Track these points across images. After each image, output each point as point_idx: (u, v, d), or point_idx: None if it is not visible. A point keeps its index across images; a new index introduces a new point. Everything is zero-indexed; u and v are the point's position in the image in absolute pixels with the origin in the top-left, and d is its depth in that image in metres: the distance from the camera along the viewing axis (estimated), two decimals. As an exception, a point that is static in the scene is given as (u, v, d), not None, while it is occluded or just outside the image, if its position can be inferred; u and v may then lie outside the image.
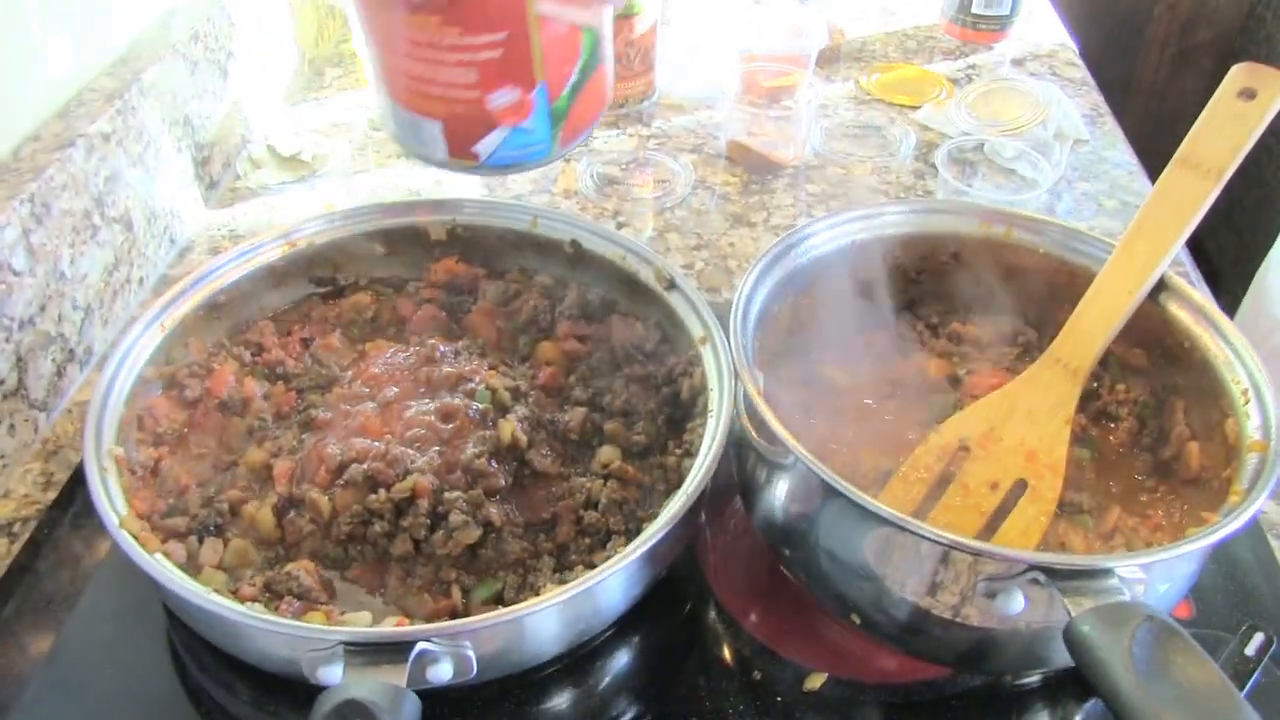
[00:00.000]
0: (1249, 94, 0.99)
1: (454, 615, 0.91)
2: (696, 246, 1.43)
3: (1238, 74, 1.00)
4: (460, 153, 0.93)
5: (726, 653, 0.97)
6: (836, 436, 1.03)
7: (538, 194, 1.52)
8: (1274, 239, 1.84)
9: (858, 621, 0.89)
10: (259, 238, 1.14)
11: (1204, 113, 1.01)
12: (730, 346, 0.94)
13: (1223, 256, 2.87)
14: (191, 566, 0.93)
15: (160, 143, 1.32)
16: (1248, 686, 0.88)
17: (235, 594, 0.90)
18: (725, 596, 1.01)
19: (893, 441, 1.03)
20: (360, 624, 0.87)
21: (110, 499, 0.90)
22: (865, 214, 1.08)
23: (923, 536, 0.78)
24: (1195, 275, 1.43)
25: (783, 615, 0.99)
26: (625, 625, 0.96)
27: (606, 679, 0.95)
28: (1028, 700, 0.96)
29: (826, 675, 0.94)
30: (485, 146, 0.92)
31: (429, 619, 0.91)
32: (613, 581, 0.86)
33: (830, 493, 0.82)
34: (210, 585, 0.89)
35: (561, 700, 0.94)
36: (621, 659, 0.97)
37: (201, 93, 1.42)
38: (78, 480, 1.07)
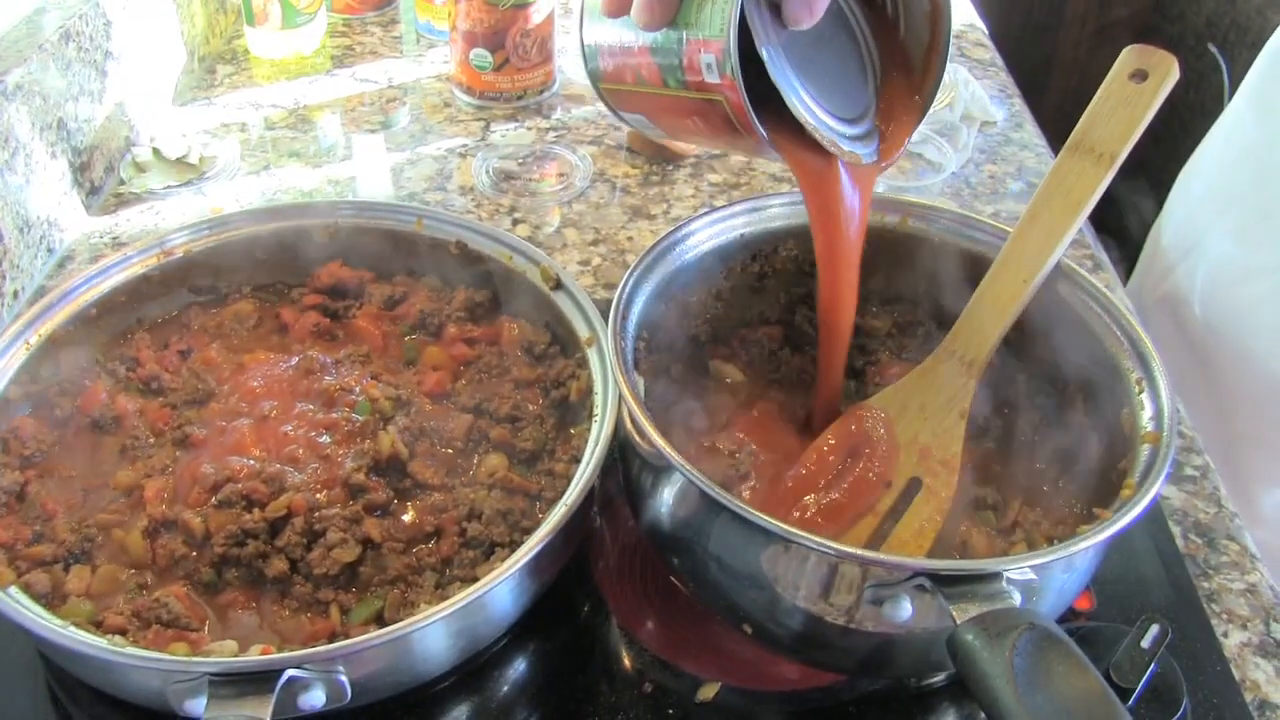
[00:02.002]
0: (1140, 76, 0.97)
1: (333, 637, 0.87)
2: (594, 241, 1.40)
3: (1129, 56, 0.98)
4: None
5: (619, 664, 0.95)
6: (730, 436, 1.00)
7: (432, 191, 1.48)
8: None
9: (750, 631, 0.87)
10: (131, 248, 1.10)
11: (1096, 96, 0.99)
12: (609, 350, 0.91)
13: (1144, 231, 2.88)
14: (56, 596, 0.89)
15: (31, 148, 1.26)
16: (1144, 680, 0.86)
17: (101, 624, 0.86)
18: (619, 605, 0.98)
19: (789, 440, 1.01)
20: (226, 653, 0.83)
21: (-39, 532, 0.85)
22: (749, 207, 1.05)
23: (807, 546, 0.76)
24: (1102, 257, 1.42)
25: (677, 623, 0.96)
26: (517, 637, 0.94)
27: (497, 694, 0.92)
28: (930, 701, 0.94)
29: (720, 685, 0.91)
30: None
31: (306, 642, 0.87)
32: (494, 596, 0.83)
33: (712, 504, 0.79)
34: (75, 616, 0.85)
35: (450, 717, 0.91)
36: (513, 673, 0.94)
37: (77, 94, 1.37)
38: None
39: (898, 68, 0.92)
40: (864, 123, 0.90)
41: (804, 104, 0.82)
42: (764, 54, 0.78)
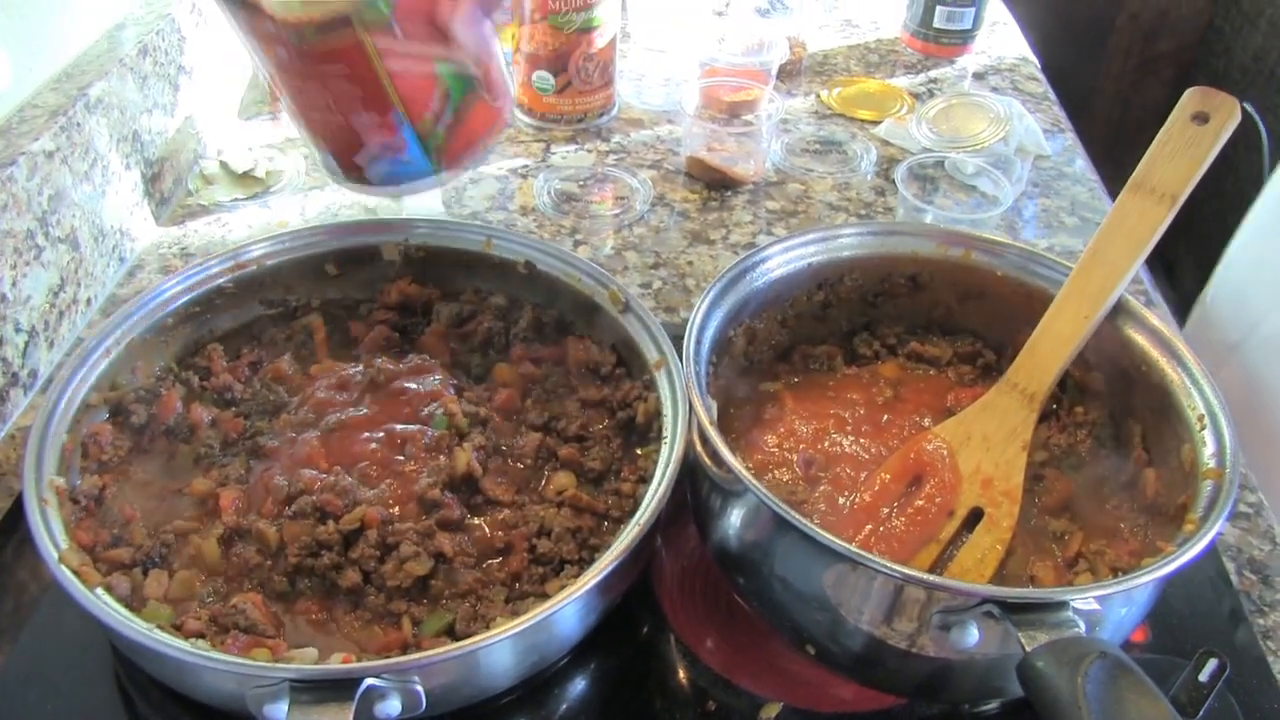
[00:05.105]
0: (1202, 118, 0.99)
1: (404, 648, 0.89)
2: (655, 265, 1.42)
3: (1191, 98, 1.00)
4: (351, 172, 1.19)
5: (681, 682, 0.96)
6: (793, 459, 1.02)
7: (494, 211, 1.51)
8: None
9: (813, 652, 0.88)
10: (206, 259, 1.12)
11: (1158, 137, 1.00)
12: (688, 374, 0.92)
13: (1183, 266, 2.88)
14: (136, 599, 0.91)
15: (108, 159, 1.30)
16: (1200, 713, 0.87)
17: (180, 628, 0.88)
18: (680, 624, 0.99)
19: (850, 466, 1.02)
20: (307, 660, 0.85)
21: (50, 533, 0.88)
22: (821, 236, 1.07)
23: (877, 570, 0.78)
24: (1156, 295, 1.43)
25: (739, 643, 0.98)
26: (580, 654, 0.95)
27: (560, 710, 0.94)
28: (984, 728, 0.95)
29: (782, 705, 0.93)
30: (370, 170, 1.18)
31: (379, 652, 0.89)
32: (565, 613, 0.84)
33: (783, 525, 0.81)
34: (155, 619, 0.87)
35: (515, 731, 0.93)
36: (576, 689, 0.95)
37: (151, 108, 1.40)
38: (20, 506, 1.04)
39: None
40: None
41: None
42: None
